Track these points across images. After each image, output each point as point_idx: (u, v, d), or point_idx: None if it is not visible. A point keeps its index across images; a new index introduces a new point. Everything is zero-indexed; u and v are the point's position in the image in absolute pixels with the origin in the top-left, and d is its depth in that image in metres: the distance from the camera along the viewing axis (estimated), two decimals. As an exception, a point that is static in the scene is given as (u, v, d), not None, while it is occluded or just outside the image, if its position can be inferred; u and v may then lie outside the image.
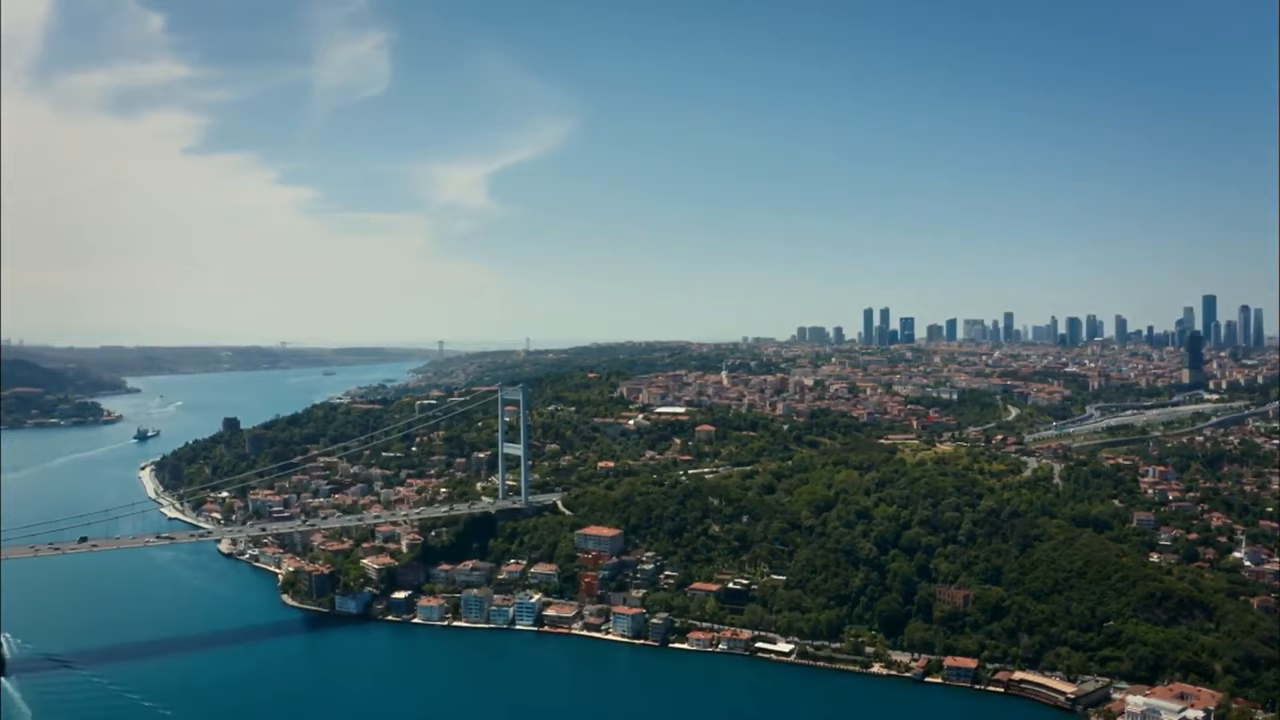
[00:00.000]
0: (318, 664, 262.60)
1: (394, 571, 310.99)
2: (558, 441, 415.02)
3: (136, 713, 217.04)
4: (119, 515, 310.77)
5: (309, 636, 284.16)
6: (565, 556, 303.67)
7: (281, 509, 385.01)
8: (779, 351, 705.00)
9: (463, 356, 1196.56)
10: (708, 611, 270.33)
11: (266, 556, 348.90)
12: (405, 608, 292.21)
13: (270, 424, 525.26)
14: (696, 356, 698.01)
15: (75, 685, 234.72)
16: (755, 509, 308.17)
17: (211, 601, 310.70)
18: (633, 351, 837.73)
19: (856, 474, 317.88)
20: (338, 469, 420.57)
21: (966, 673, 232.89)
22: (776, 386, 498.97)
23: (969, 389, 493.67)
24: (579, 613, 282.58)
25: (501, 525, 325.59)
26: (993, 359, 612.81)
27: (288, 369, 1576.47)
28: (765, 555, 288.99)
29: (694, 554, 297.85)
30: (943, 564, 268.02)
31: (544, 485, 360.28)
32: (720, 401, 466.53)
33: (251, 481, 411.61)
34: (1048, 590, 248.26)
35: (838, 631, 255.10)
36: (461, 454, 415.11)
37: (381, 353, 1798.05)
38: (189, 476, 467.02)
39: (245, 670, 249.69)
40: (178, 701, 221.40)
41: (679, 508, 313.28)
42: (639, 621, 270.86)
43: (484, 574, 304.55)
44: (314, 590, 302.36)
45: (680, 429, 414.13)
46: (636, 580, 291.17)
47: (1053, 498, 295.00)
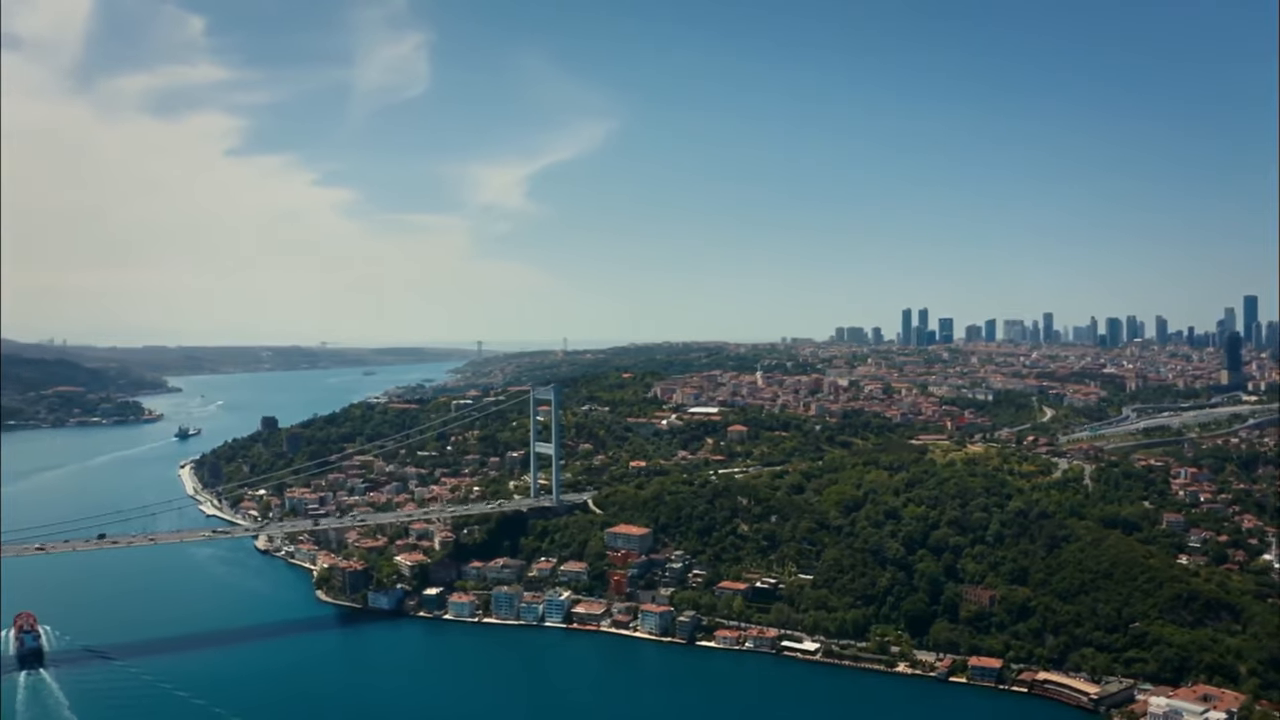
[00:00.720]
0: (350, 659, 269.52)
1: (426, 569, 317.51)
2: (591, 441, 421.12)
3: (173, 704, 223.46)
4: (155, 512, 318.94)
5: (342, 632, 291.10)
6: (595, 555, 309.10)
7: (317, 506, 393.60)
8: (816, 352, 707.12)
9: (501, 357, 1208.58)
10: (735, 610, 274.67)
11: (302, 553, 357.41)
12: (437, 604, 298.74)
13: (308, 423, 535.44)
14: (733, 357, 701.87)
15: (112, 677, 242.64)
16: (784, 509, 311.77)
17: (247, 597, 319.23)
18: (670, 352, 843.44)
19: (886, 474, 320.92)
20: (373, 467, 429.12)
21: (991, 673, 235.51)
22: (811, 387, 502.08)
23: (1004, 390, 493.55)
24: (607, 610, 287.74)
25: (533, 524, 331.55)
26: (1030, 360, 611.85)
27: (327, 369, 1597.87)
28: (793, 555, 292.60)
29: (722, 553, 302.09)
30: (970, 564, 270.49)
31: (575, 484, 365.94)
32: (754, 402, 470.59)
33: (288, 479, 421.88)
34: (1074, 591, 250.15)
35: (864, 631, 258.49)
36: (495, 453, 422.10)
37: (421, 353, 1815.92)
38: (228, 474, 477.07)
39: (279, 664, 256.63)
40: (213, 693, 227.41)
41: (708, 507, 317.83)
42: (666, 619, 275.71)
43: (515, 571, 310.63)
44: (348, 587, 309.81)
45: (713, 429, 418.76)
46: (665, 579, 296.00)
47: (1082, 499, 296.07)
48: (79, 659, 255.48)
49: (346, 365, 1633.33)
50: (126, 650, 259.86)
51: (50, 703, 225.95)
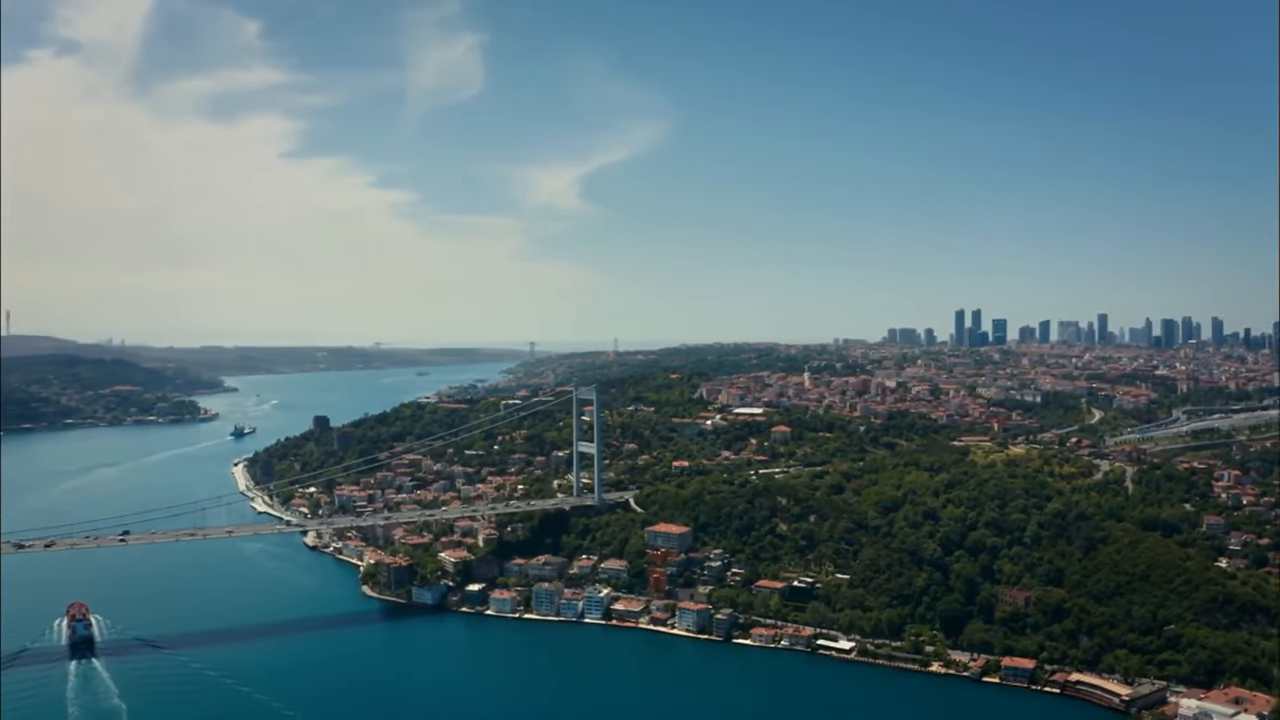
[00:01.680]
0: (394, 652, 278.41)
1: (469, 565, 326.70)
2: (636, 441, 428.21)
3: (221, 692, 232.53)
4: (204, 508, 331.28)
5: (387, 626, 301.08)
6: (635, 553, 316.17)
7: (365, 504, 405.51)
8: (866, 353, 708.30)
9: (553, 357, 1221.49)
10: (771, 608, 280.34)
11: (350, 550, 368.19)
12: (479, 600, 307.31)
13: (359, 422, 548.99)
14: (783, 358, 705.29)
15: (161, 666, 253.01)
16: (823, 508, 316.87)
17: (295, 591, 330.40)
18: (720, 353, 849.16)
19: (927, 475, 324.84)
20: (421, 466, 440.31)
21: (1024, 673, 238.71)
22: (858, 388, 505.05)
23: (1053, 391, 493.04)
24: (646, 607, 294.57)
25: (575, 522, 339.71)
26: (1082, 361, 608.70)
27: (381, 369, 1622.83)
28: (830, 554, 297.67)
29: (761, 552, 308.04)
30: (1007, 565, 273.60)
31: (618, 483, 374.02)
32: (799, 403, 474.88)
33: (338, 477, 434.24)
34: (1110, 593, 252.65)
35: (899, 630, 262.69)
36: (541, 452, 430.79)
37: (474, 353, 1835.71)
38: (279, 472, 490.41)
39: (325, 656, 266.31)
40: (261, 682, 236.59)
41: (747, 506, 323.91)
42: (704, 617, 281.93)
43: (556, 569, 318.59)
44: (392, 582, 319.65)
45: (757, 429, 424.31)
46: (704, 577, 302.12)
47: (1121, 501, 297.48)
48: (129, 648, 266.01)
49: (400, 366, 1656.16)
50: (176, 641, 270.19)
51: (100, 690, 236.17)
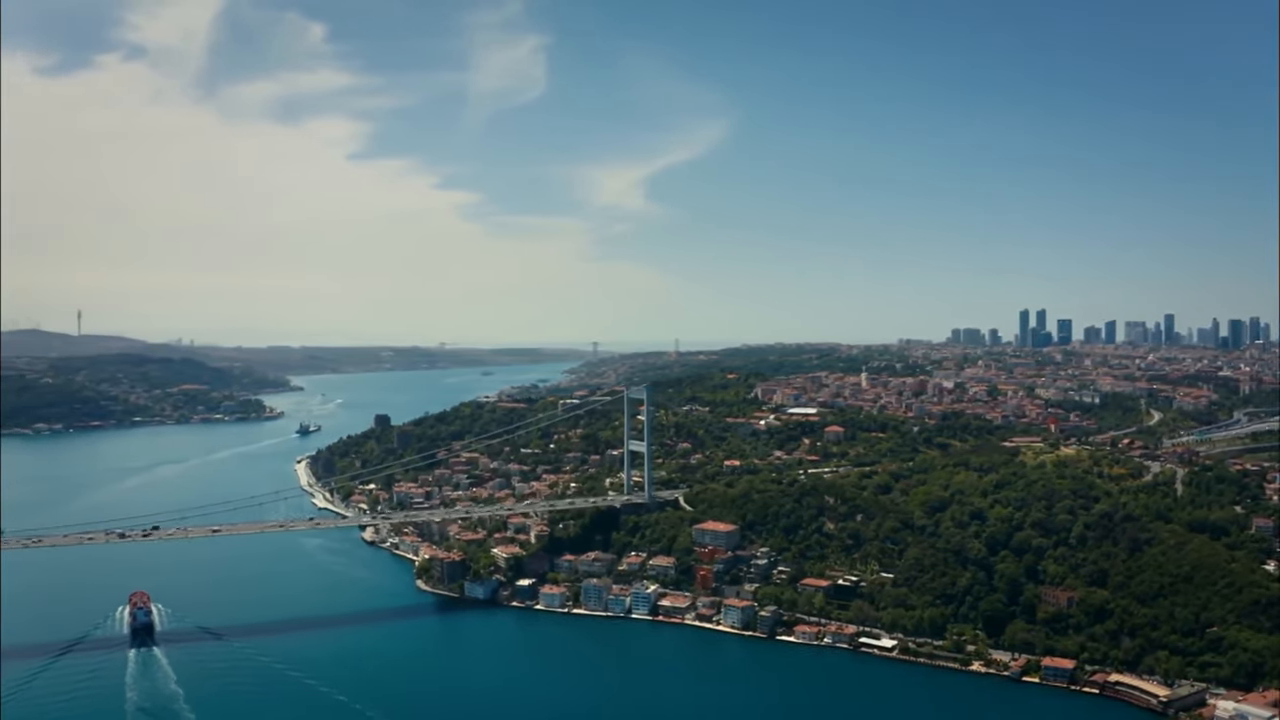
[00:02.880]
0: (446, 643, 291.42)
1: (521, 561, 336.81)
2: (690, 440, 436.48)
3: (278, 680, 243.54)
4: (263, 502, 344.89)
5: (440, 619, 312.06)
6: (683, 550, 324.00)
7: (423, 501, 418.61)
8: (928, 354, 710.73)
9: (615, 357, 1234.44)
10: (816, 606, 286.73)
11: (406, 545, 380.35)
12: (529, 594, 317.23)
13: (419, 421, 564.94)
14: (844, 358, 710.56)
15: (219, 653, 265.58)
16: (870, 508, 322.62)
17: (352, 585, 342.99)
18: (782, 353, 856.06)
19: (976, 475, 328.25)
20: (478, 464, 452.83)
21: (1063, 673, 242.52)
22: (915, 389, 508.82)
23: (1112, 392, 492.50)
24: (692, 604, 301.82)
25: (625, 519, 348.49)
26: (1145, 362, 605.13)
27: (446, 369, 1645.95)
28: (876, 553, 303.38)
29: (807, 550, 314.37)
30: (1051, 566, 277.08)
31: (669, 481, 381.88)
32: (854, 403, 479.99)
33: (397, 474, 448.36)
34: (1153, 594, 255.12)
35: (941, 629, 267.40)
36: (596, 451, 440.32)
37: (537, 353, 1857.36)
38: (340, 469, 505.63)
39: (380, 647, 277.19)
40: (316, 671, 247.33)
41: (795, 505, 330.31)
42: (748, 614, 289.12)
43: (605, 565, 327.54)
44: (446, 577, 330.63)
45: (810, 429, 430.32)
46: (750, 575, 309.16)
47: (1170, 502, 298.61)
48: (189, 636, 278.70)
49: (465, 365, 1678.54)
50: (234, 630, 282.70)
51: (158, 676, 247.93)
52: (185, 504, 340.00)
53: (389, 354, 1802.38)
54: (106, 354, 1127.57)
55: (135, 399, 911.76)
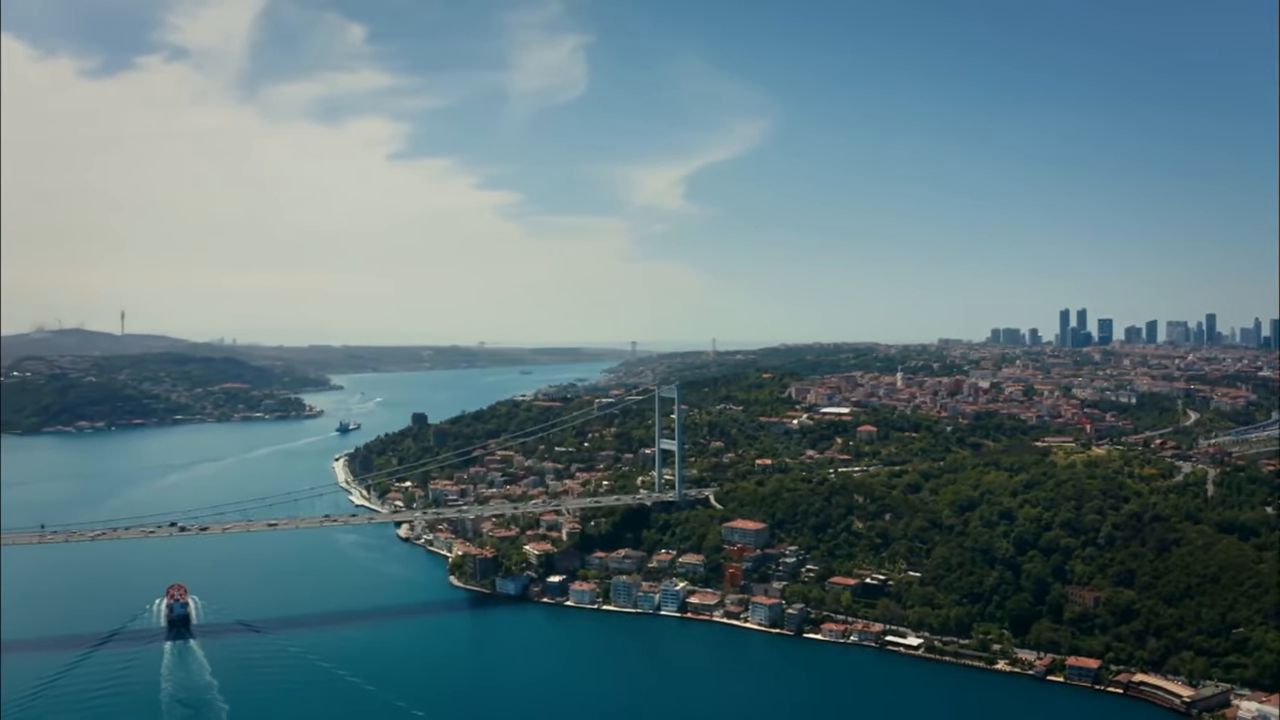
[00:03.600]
0: (477, 638, 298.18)
1: (552, 557, 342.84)
2: (723, 439, 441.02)
3: (312, 671, 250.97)
4: (298, 498, 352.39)
5: (471, 614, 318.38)
6: (712, 548, 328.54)
7: (457, 498, 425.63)
8: (966, 354, 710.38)
9: (654, 357, 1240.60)
10: (843, 604, 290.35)
11: (440, 541, 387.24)
12: (559, 591, 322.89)
13: (455, 419, 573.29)
14: (882, 358, 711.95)
15: (254, 646, 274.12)
16: (898, 507, 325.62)
17: (385, 580, 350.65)
18: (820, 353, 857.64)
19: (1006, 475, 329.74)
20: (513, 462, 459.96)
21: (1088, 673, 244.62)
22: (951, 388, 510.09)
23: (1149, 393, 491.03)
24: (721, 601, 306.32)
25: (655, 517, 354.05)
26: (1185, 362, 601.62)
27: (485, 368, 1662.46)
28: (904, 552, 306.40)
29: (836, 549, 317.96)
30: (1079, 565, 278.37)
31: (701, 480, 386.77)
32: (888, 403, 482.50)
33: (433, 472, 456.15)
34: (1179, 595, 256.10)
35: (967, 628, 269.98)
36: (629, 449, 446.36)
37: (577, 353, 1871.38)
38: (378, 467, 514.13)
39: (412, 640, 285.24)
40: (349, 663, 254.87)
41: (824, 504, 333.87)
42: (776, 611, 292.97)
43: (635, 562, 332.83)
44: (478, 572, 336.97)
45: (843, 429, 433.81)
46: (778, 573, 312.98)
47: (1200, 503, 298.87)
48: (225, 629, 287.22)
49: (504, 365, 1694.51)
50: (269, 623, 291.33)
51: (193, 667, 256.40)
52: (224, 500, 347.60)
53: (429, 353, 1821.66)
54: (149, 353, 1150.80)
55: (177, 397, 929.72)
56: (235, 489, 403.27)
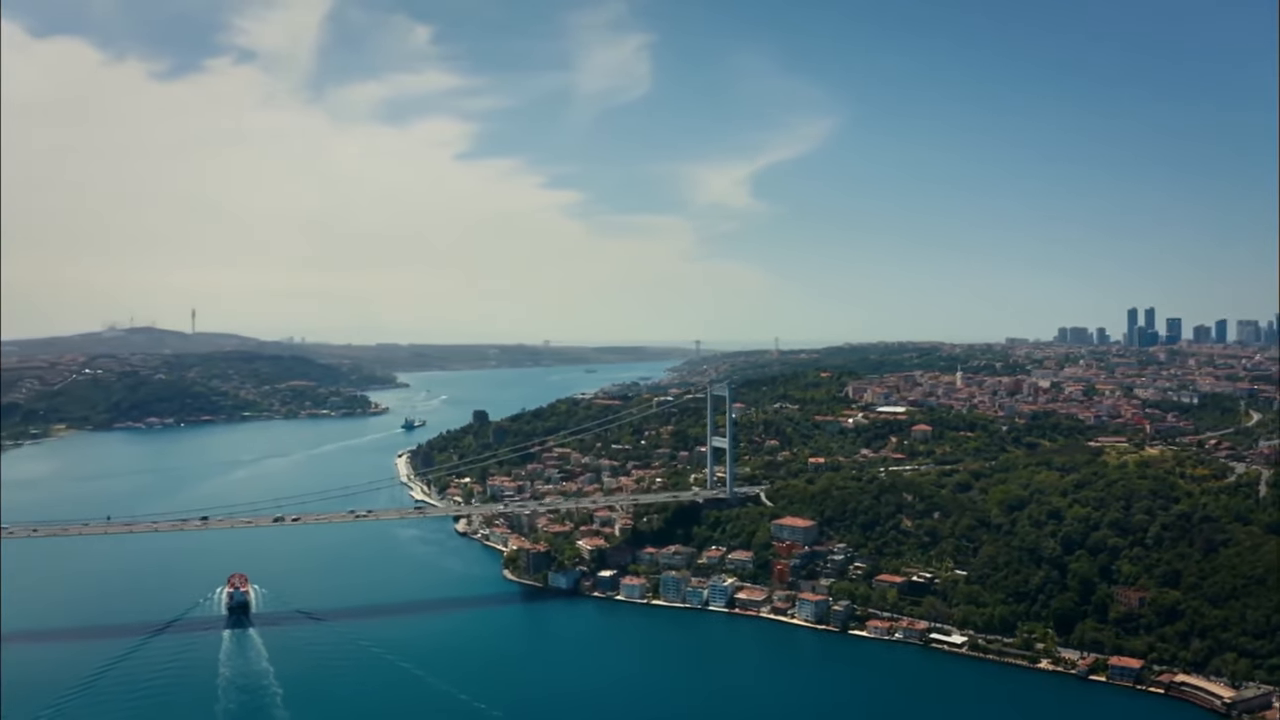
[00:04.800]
0: (529, 630, 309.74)
1: (604, 553, 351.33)
2: (778, 438, 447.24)
3: (367, 658, 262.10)
4: (357, 493, 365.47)
5: (523, 607, 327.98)
6: (762, 545, 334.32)
7: (514, 494, 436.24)
8: (1030, 353, 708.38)
9: (717, 356, 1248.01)
10: (889, 601, 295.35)
11: (496, 536, 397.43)
12: (610, 585, 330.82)
13: (515, 416, 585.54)
14: (946, 357, 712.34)
15: (310, 634, 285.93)
16: (947, 506, 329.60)
17: (441, 573, 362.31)
18: (884, 351, 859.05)
19: (1057, 475, 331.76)
20: (570, 459, 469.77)
21: (1130, 672, 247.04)
22: (1010, 388, 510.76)
23: (1212, 393, 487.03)
24: (768, 597, 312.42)
25: (706, 514, 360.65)
26: (1252, 362, 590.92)
27: (550, 367, 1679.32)
28: (951, 551, 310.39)
29: (884, 547, 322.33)
30: (1126, 565, 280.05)
31: (752, 478, 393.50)
32: (946, 402, 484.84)
33: (491, 468, 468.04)
34: (1225, 595, 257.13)
35: (1012, 627, 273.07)
36: (685, 447, 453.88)
37: (641, 351, 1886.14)
38: (439, 463, 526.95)
39: (465, 631, 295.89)
40: (402, 651, 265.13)
41: (873, 502, 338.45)
42: (822, 608, 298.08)
43: (685, 558, 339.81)
44: (531, 567, 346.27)
45: (897, 428, 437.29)
46: (826, 570, 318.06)
47: (1251, 504, 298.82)
48: (284, 617, 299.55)
49: (569, 363, 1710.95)
50: (327, 613, 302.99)
51: (251, 654, 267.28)
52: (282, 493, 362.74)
53: (495, 352, 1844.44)
54: (219, 351, 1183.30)
55: (245, 395, 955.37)
56: (303, 483, 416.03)
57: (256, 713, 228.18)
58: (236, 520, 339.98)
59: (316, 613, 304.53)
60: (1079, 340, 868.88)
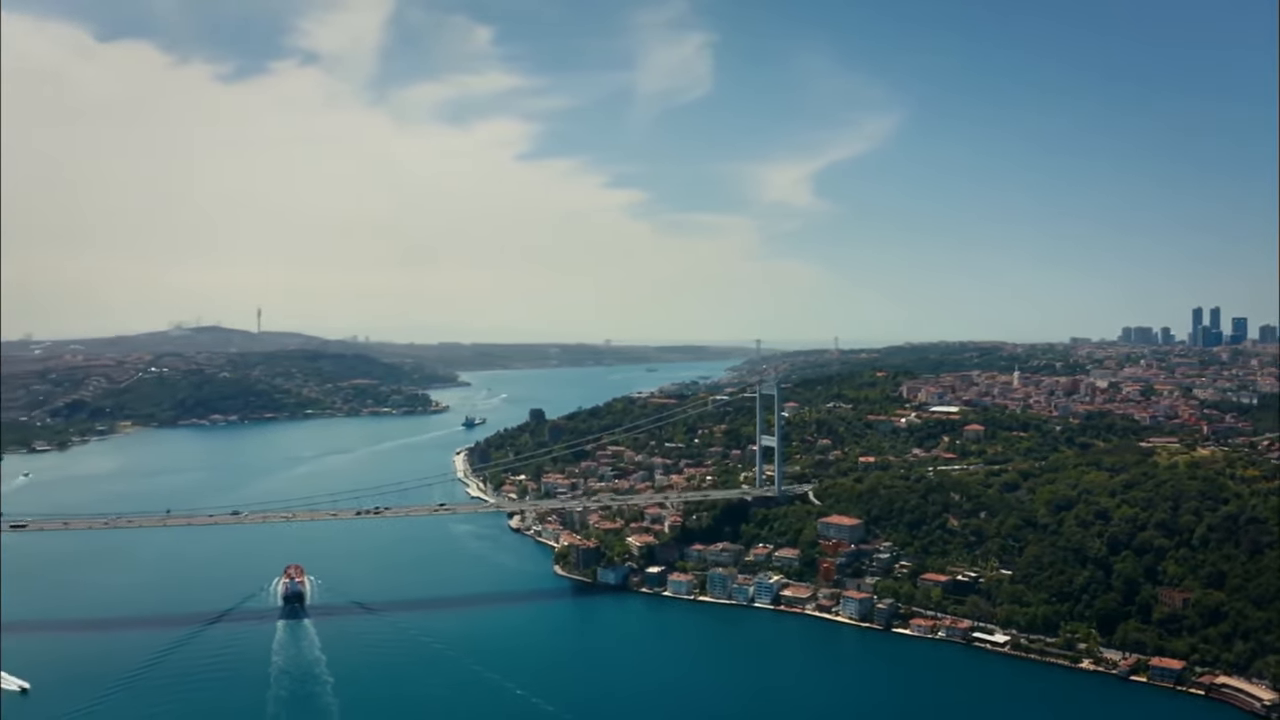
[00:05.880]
0: (579, 624, 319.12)
1: (653, 549, 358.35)
2: (830, 437, 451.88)
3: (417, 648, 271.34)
4: (407, 488, 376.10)
5: (573, 601, 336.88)
6: (808, 543, 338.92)
7: (566, 491, 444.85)
8: (1091, 353, 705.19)
9: (777, 355, 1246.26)
10: (933, 600, 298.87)
11: (548, 533, 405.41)
12: (657, 581, 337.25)
13: (571, 415, 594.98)
14: (1007, 357, 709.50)
15: (363, 625, 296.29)
16: (994, 505, 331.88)
17: (493, 568, 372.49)
18: (944, 351, 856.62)
19: (1106, 475, 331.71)
20: (623, 457, 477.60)
21: (1170, 674, 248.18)
22: (1067, 388, 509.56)
23: (1273, 393, 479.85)
24: (813, 595, 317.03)
25: (755, 512, 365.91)
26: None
27: (611, 366, 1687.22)
28: (996, 550, 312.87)
29: (930, 546, 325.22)
30: (1171, 566, 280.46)
31: (802, 476, 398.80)
32: (1001, 401, 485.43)
33: (546, 465, 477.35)
34: (1270, 597, 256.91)
35: (1055, 626, 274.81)
36: (738, 446, 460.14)
37: (702, 351, 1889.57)
38: (494, 460, 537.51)
39: (516, 625, 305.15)
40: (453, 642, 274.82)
41: (920, 501, 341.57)
42: (865, 606, 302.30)
43: (732, 555, 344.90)
44: (580, 562, 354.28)
45: (950, 428, 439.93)
46: (872, 568, 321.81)
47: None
48: (338, 609, 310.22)
49: (630, 362, 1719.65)
50: (380, 604, 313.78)
51: (304, 643, 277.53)
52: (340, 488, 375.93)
53: (556, 350, 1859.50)
54: (283, 350, 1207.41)
55: (307, 392, 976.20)
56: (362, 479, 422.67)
57: (306, 700, 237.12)
58: (318, 513, 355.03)
59: (370, 604, 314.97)
60: (1143, 340, 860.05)
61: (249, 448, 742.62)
